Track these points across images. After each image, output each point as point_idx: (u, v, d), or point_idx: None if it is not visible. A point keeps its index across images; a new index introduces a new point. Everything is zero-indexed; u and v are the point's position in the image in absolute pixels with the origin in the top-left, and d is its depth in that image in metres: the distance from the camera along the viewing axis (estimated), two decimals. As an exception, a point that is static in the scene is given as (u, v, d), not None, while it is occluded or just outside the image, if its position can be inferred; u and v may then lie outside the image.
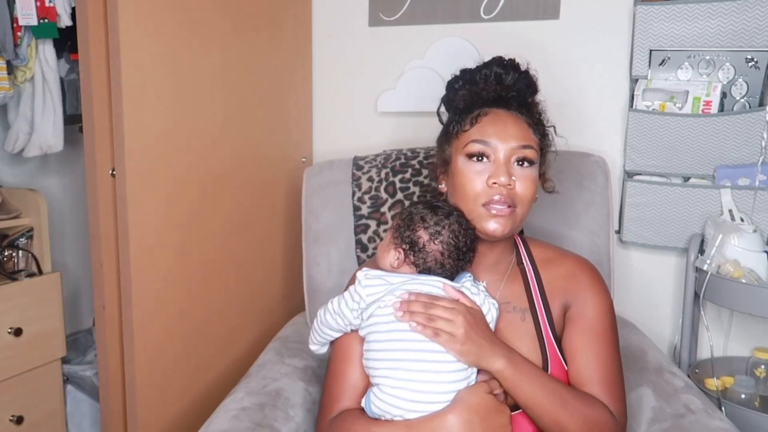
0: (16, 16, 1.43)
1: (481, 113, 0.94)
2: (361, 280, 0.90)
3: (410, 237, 0.91)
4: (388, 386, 0.86)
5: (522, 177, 0.91)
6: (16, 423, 1.45)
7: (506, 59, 0.98)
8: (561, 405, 0.86)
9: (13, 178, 1.73)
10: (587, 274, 0.98)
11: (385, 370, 0.87)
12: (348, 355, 0.95)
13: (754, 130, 1.34)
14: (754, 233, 1.31)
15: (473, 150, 0.91)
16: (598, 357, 0.92)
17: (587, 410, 0.87)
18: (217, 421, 1.00)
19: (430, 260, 0.90)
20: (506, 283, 0.99)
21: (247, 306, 1.50)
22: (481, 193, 0.90)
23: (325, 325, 0.94)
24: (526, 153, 0.91)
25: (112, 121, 1.10)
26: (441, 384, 0.85)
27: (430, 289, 0.89)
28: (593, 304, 0.95)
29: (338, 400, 0.93)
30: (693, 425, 0.97)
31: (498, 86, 0.96)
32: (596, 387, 0.90)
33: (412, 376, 0.85)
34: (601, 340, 0.93)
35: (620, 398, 0.91)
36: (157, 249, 1.18)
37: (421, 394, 0.85)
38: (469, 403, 0.84)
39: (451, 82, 1.02)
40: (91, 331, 1.87)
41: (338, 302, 0.92)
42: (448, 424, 0.82)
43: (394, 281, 0.90)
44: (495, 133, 0.91)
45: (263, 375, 1.15)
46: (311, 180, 1.46)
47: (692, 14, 1.38)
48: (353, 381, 0.94)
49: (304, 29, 1.72)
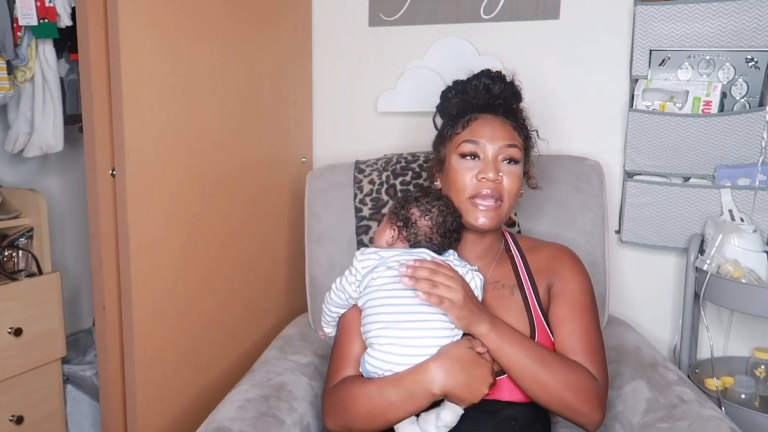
0: (16, 16, 1.43)
1: (472, 118, 1.06)
2: (357, 256, 1.02)
3: (404, 215, 1.02)
4: (379, 344, 0.94)
5: (508, 173, 1.02)
6: (16, 423, 1.45)
7: (494, 71, 1.11)
8: (543, 366, 0.93)
9: (13, 178, 1.73)
10: (568, 256, 1.09)
11: (377, 330, 0.96)
12: (350, 330, 1.04)
13: (754, 130, 1.34)
14: (754, 233, 1.31)
15: (465, 149, 1.03)
16: (580, 327, 1.01)
17: (569, 371, 0.95)
18: (224, 410, 1.03)
19: (421, 234, 1.01)
20: (495, 266, 1.09)
21: (249, 306, 1.50)
22: (470, 186, 1.02)
23: (332, 304, 1.05)
24: (511, 152, 1.03)
25: (112, 121, 1.10)
26: (426, 339, 0.93)
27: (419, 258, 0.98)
28: (575, 281, 1.05)
29: (340, 368, 1.02)
30: (685, 413, 1.00)
31: (486, 95, 1.08)
32: (579, 354, 0.98)
33: (401, 334, 0.94)
34: (583, 312, 1.02)
35: (602, 364, 0.99)
36: (158, 249, 1.18)
37: (409, 348, 0.93)
38: (450, 354, 0.91)
39: (445, 91, 1.15)
40: (91, 331, 1.87)
41: (340, 280, 1.03)
42: (431, 372, 0.90)
43: (386, 255, 1.00)
44: (484, 135, 1.03)
45: (267, 369, 1.18)
46: (314, 183, 1.47)
47: (692, 14, 1.38)
48: (354, 352, 1.02)
49: (304, 29, 1.72)
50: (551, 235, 1.33)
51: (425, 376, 0.90)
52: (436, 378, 0.89)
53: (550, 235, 1.33)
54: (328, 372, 1.05)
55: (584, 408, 0.93)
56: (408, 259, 0.97)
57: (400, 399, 0.90)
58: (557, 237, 1.32)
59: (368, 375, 0.95)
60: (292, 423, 1.05)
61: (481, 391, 0.90)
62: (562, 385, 0.93)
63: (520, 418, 0.97)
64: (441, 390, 0.89)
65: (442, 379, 0.89)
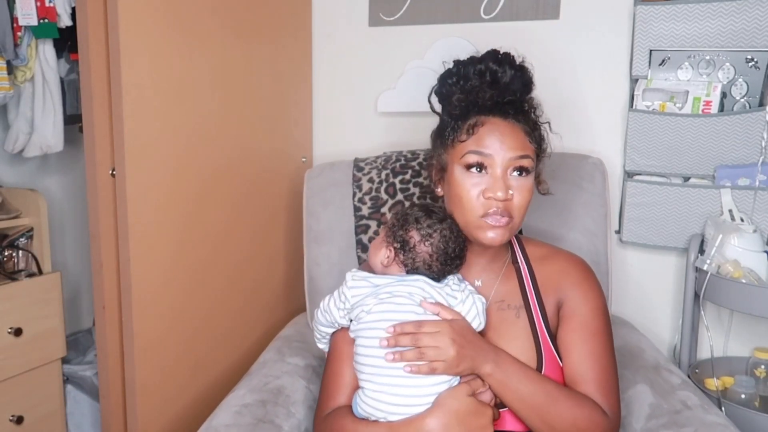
0: (16, 16, 1.43)
1: (478, 122, 0.92)
2: (347, 281, 0.94)
3: (402, 236, 0.93)
4: (371, 390, 0.89)
5: (518, 187, 0.91)
6: (16, 423, 1.45)
7: (501, 53, 0.97)
8: (550, 404, 0.87)
9: (13, 178, 1.73)
10: (579, 270, 0.99)
11: (367, 374, 0.90)
12: (342, 354, 0.97)
13: (754, 130, 1.34)
14: (754, 233, 1.31)
15: (470, 161, 0.91)
16: (591, 354, 0.92)
17: (578, 409, 0.87)
18: (220, 417, 1.01)
19: (419, 261, 0.92)
20: (501, 282, 1.00)
21: (248, 306, 1.50)
22: (477, 205, 0.90)
23: (318, 322, 0.99)
24: (523, 163, 0.91)
25: (112, 121, 1.10)
26: (420, 388, 0.87)
27: (413, 290, 0.91)
28: (586, 301, 0.96)
29: (333, 397, 0.96)
30: (689, 420, 0.98)
31: (493, 89, 0.93)
32: (590, 385, 0.90)
33: (392, 381, 0.88)
34: (594, 337, 0.93)
35: (614, 396, 0.91)
36: (158, 249, 1.18)
37: (401, 397, 0.87)
38: (448, 406, 0.85)
39: (444, 76, 1.00)
40: (91, 331, 1.87)
41: (329, 300, 0.96)
42: (427, 428, 0.84)
43: (379, 283, 0.92)
44: (492, 144, 0.90)
45: (265, 373, 1.17)
46: (312, 181, 1.46)
47: (692, 14, 1.38)
48: (347, 379, 0.96)
49: (304, 29, 1.72)
50: (553, 235, 1.32)
51: (420, 431, 0.84)
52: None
53: (552, 235, 1.31)
54: (320, 397, 1.00)
55: None
56: (402, 290, 0.90)
57: None
58: (559, 237, 1.31)
59: (360, 416, 0.91)
60: (290, 429, 1.02)
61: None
62: (570, 426, 0.87)
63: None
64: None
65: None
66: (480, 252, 0.99)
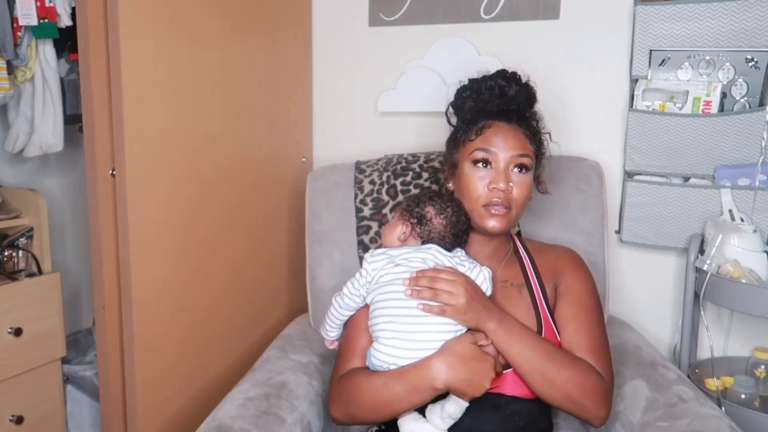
0: (16, 16, 1.43)
1: (486, 125, 1.06)
2: (366, 258, 1.03)
3: (419, 212, 1.04)
4: (385, 338, 0.97)
5: (518, 182, 1.04)
6: (16, 423, 1.45)
7: (509, 72, 1.12)
8: (550, 362, 0.96)
9: (13, 178, 1.73)
10: (573, 258, 1.12)
11: (382, 324, 0.98)
12: (358, 325, 1.07)
13: (754, 130, 1.34)
14: (754, 233, 1.31)
15: (478, 157, 1.04)
16: (586, 325, 1.03)
17: (576, 368, 0.96)
18: (225, 409, 1.04)
19: (435, 232, 1.03)
20: (504, 266, 1.11)
21: (249, 306, 1.50)
22: (482, 195, 1.04)
23: (344, 308, 1.07)
24: (523, 161, 1.04)
25: (112, 121, 1.10)
26: (429, 333, 0.95)
27: (426, 255, 1.00)
28: (579, 281, 1.08)
29: (348, 360, 1.05)
30: (685, 412, 1.01)
31: (501, 99, 1.09)
32: (585, 351, 1.00)
33: (405, 328, 0.96)
34: (588, 311, 1.05)
35: (607, 362, 1.01)
36: (158, 249, 1.18)
37: (412, 342, 0.95)
38: (452, 350, 0.93)
39: (460, 90, 1.16)
40: (91, 331, 1.87)
41: (350, 283, 1.05)
42: (433, 367, 0.92)
43: (395, 253, 1.02)
44: (497, 143, 1.04)
45: (268, 369, 1.19)
46: (314, 183, 1.48)
47: (692, 14, 1.38)
48: (361, 345, 1.05)
49: (304, 29, 1.72)
50: (551, 237, 1.33)
51: (428, 371, 0.92)
52: (438, 373, 0.91)
53: (551, 237, 1.33)
54: (336, 363, 1.08)
55: (590, 404, 0.95)
56: (416, 256, 1.00)
57: (404, 392, 0.93)
58: (557, 238, 1.32)
59: (374, 368, 0.98)
60: (293, 421, 1.05)
61: (483, 386, 0.92)
62: (569, 382, 0.95)
63: (523, 413, 0.99)
64: (443, 385, 0.91)
65: (445, 375, 0.91)
66: (484, 242, 1.10)
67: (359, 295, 1.04)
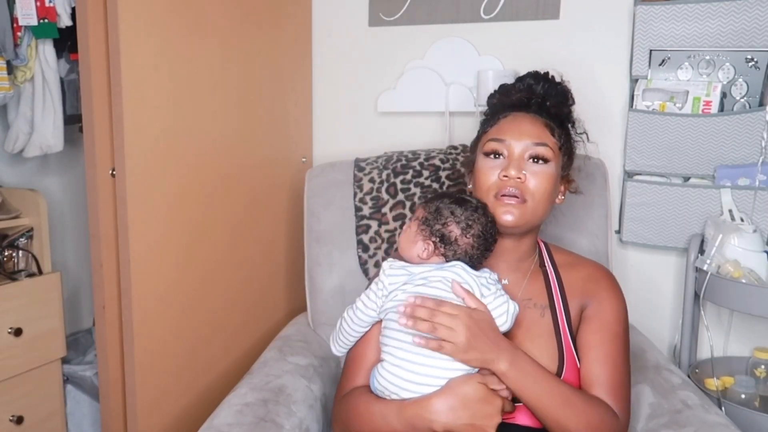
0: (16, 16, 1.43)
1: (501, 116, 1.02)
2: (385, 269, 0.96)
3: (441, 231, 0.94)
4: (389, 363, 0.91)
5: (534, 173, 0.96)
6: (16, 423, 1.45)
7: (542, 72, 1.06)
8: (564, 405, 0.89)
9: (13, 178, 1.73)
10: (606, 278, 1.04)
11: (389, 347, 0.92)
12: (368, 335, 1.00)
13: (754, 130, 1.34)
14: (754, 233, 1.31)
15: (490, 148, 0.99)
16: (607, 356, 0.95)
17: (591, 411, 0.90)
18: (222, 416, 1.01)
19: (461, 252, 0.94)
20: (528, 282, 1.03)
21: (248, 306, 1.50)
22: (493, 185, 0.97)
23: (357, 323, 0.98)
24: (539, 150, 0.96)
25: (112, 121, 1.10)
26: (435, 369, 0.89)
27: (448, 274, 0.93)
28: (609, 306, 1.00)
29: (353, 376, 1.00)
30: (690, 419, 0.99)
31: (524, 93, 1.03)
32: (603, 386, 0.93)
33: (411, 357, 0.90)
34: (612, 341, 0.97)
35: (625, 400, 0.94)
36: (157, 249, 1.18)
37: (415, 375, 0.89)
38: (456, 390, 0.87)
39: (490, 96, 1.11)
40: (91, 331, 1.87)
41: (366, 296, 0.97)
42: (433, 408, 0.86)
43: (415, 271, 0.95)
44: (510, 131, 0.98)
45: (266, 372, 1.17)
46: (313, 181, 1.46)
47: (692, 14, 1.38)
48: (369, 360, 0.99)
49: (304, 29, 1.72)
50: (554, 236, 1.32)
51: (427, 412, 0.86)
52: (437, 416, 0.86)
53: (553, 236, 1.32)
54: (342, 376, 1.04)
55: None
56: (438, 275, 0.93)
57: (401, 428, 0.88)
58: (560, 239, 1.32)
59: (375, 391, 0.94)
60: (291, 428, 1.03)
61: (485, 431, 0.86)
62: (583, 426, 0.89)
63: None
64: (442, 428, 0.86)
65: (445, 418, 0.86)
66: (508, 247, 1.02)
67: (374, 309, 0.96)
